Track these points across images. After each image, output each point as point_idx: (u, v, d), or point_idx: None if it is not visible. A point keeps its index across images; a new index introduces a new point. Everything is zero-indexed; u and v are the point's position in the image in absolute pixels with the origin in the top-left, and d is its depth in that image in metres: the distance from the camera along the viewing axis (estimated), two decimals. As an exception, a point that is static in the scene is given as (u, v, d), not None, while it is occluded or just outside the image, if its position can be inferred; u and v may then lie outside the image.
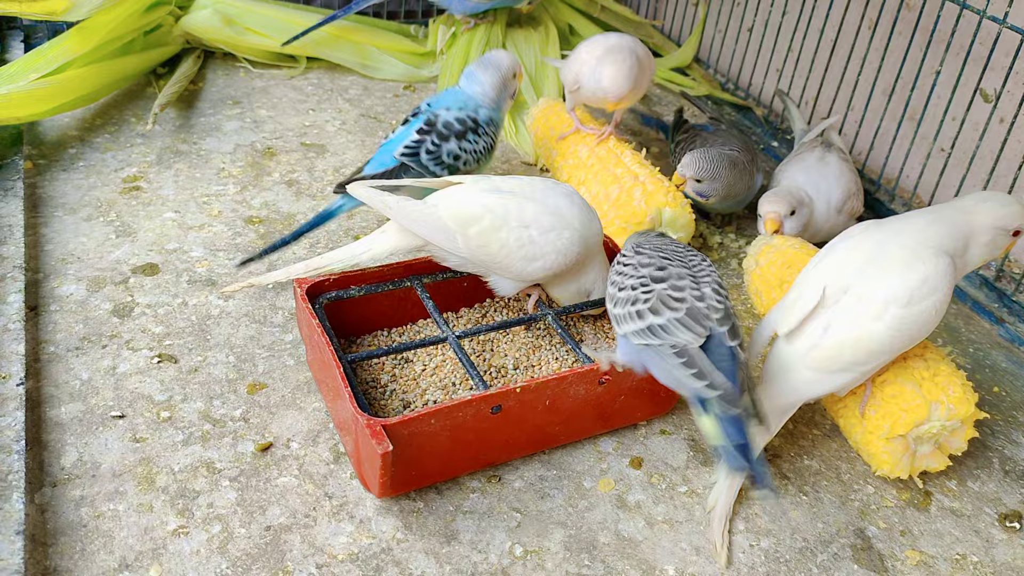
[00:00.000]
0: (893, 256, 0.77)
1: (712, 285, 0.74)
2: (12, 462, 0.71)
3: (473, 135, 1.03)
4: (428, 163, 1.01)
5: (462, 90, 1.06)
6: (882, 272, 0.76)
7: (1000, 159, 1.07)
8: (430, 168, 1.01)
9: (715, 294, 0.73)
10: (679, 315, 0.71)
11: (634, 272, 0.76)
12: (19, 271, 0.91)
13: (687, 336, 0.70)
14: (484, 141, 1.04)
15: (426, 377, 0.84)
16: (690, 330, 0.70)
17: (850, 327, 0.75)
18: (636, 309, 0.73)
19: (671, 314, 0.71)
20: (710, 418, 0.69)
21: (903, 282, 0.75)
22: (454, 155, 1.02)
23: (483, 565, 0.71)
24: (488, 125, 1.04)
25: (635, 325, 0.72)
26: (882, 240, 0.78)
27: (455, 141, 1.01)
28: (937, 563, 0.75)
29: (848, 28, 1.28)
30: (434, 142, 1.01)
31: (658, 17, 1.72)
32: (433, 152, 1.01)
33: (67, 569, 0.67)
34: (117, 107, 1.28)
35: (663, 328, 0.71)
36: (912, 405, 0.78)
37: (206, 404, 0.82)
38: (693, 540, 0.75)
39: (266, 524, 0.72)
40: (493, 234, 0.80)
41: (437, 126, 1.01)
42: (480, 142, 1.03)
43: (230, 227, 1.05)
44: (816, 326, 0.77)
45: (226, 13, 1.39)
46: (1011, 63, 1.04)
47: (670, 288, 0.73)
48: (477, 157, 1.04)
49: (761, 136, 1.40)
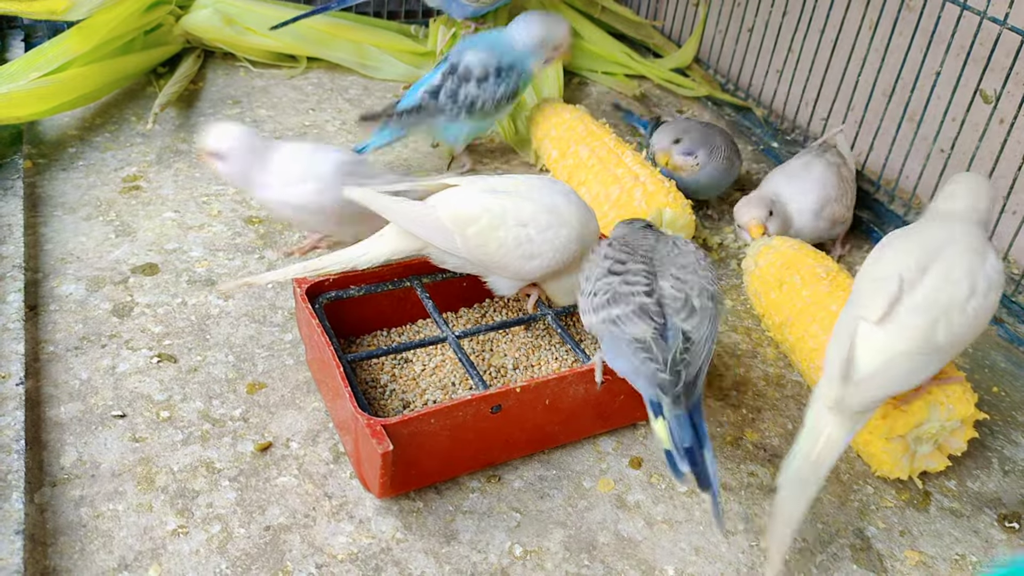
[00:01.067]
0: (961, 244, 0.76)
1: (670, 280, 0.74)
2: (12, 462, 0.71)
3: (495, 79, 1.05)
4: (446, 104, 1.06)
5: (503, 33, 1.10)
6: (958, 256, 0.75)
7: (1000, 160, 1.07)
8: (447, 109, 1.06)
9: (672, 286, 0.73)
10: (628, 310, 0.72)
11: (597, 265, 0.78)
12: (19, 271, 0.91)
13: (638, 328, 0.71)
14: (504, 87, 1.06)
15: (426, 377, 0.84)
16: (642, 322, 0.71)
17: (943, 299, 0.73)
18: (598, 300, 0.75)
19: (623, 308, 0.72)
20: (661, 421, 0.69)
21: (982, 268, 0.75)
22: (471, 99, 1.06)
23: (483, 565, 0.71)
24: (510, 71, 1.07)
25: (595, 316, 0.75)
26: (934, 236, 0.78)
27: (474, 84, 1.05)
28: (936, 563, 0.75)
29: (848, 29, 1.28)
30: (454, 84, 1.05)
31: (658, 17, 1.72)
32: (452, 94, 1.06)
33: (66, 569, 0.67)
34: (117, 106, 1.28)
35: (620, 319, 0.72)
36: (911, 406, 0.78)
37: (205, 404, 0.82)
38: (692, 540, 0.75)
39: (265, 524, 0.72)
40: (491, 233, 0.80)
41: (459, 69, 1.06)
42: (500, 88, 1.06)
43: (230, 227, 1.05)
44: (906, 307, 0.74)
45: (226, 13, 1.39)
46: (1011, 64, 1.04)
47: (622, 283, 0.74)
48: (496, 103, 1.06)
49: (761, 137, 1.40)
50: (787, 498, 0.70)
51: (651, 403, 0.70)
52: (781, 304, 0.94)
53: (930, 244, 0.77)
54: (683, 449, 0.67)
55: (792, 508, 0.70)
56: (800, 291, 0.93)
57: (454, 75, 1.08)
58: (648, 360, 0.69)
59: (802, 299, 0.92)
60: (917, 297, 0.74)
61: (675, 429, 0.68)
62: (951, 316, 0.73)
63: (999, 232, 1.11)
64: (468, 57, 1.08)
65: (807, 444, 0.72)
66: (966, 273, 0.74)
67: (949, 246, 0.76)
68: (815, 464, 0.71)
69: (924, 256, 0.76)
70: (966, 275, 0.74)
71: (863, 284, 0.78)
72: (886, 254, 0.79)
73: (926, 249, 0.76)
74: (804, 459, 0.71)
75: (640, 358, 0.69)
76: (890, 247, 0.79)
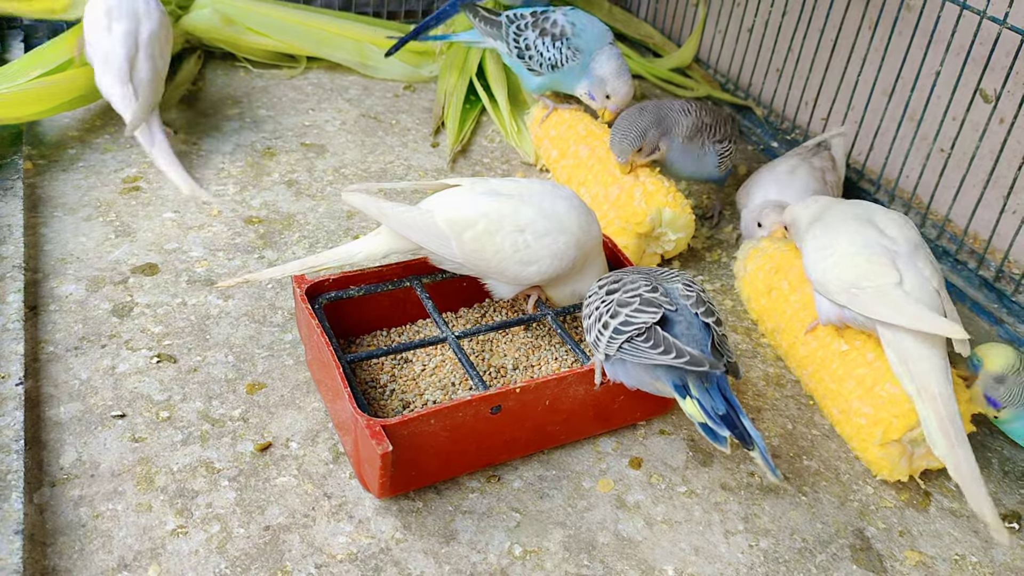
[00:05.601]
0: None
1: (677, 284, 0.76)
2: (11, 462, 0.71)
3: (554, 44, 1.13)
4: (509, 31, 1.17)
5: (597, 38, 1.15)
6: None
7: (1000, 159, 1.07)
8: (506, 36, 1.18)
9: (681, 287, 0.75)
10: (634, 307, 0.73)
11: (595, 297, 0.78)
12: (19, 271, 0.91)
13: (643, 317, 0.72)
14: (553, 55, 1.13)
15: (425, 377, 0.84)
16: (644, 311, 0.72)
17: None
18: (602, 323, 0.75)
19: (627, 309, 0.73)
20: (690, 400, 0.71)
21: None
22: (527, 42, 1.15)
23: (482, 565, 0.70)
24: (568, 53, 1.13)
25: (604, 338, 0.74)
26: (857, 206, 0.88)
27: (535, 32, 1.14)
28: (936, 564, 0.75)
29: (848, 29, 1.28)
30: (527, 22, 1.16)
31: (658, 17, 1.72)
32: (519, 30, 1.16)
33: (66, 569, 0.67)
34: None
35: (623, 325, 0.72)
36: (903, 410, 0.78)
37: (205, 404, 0.82)
38: (692, 540, 0.75)
39: (265, 524, 0.72)
40: (488, 239, 0.80)
41: (548, 17, 1.15)
42: (551, 51, 1.13)
43: (229, 227, 1.05)
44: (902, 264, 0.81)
45: (226, 13, 1.39)
46: (1011, 63, 1.04)
47: (623, 292, 0.75)
48: (541, 62, 1.15)
49: (761, 136, 1.40)
50: (952, 462, 0.72)
51: (675, 387, 0.72)
52: (772, 311, 0.95)
53: (858, 211, 0.84)
54: (718, 417, 0.69)
55: (963, 463, 0.72)
56: (788, 297, 0.93)
57: (538, 17, 1.15)
58: (662, 352, 0.70)
59: (791, 305, 0.93)
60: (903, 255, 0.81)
61: (705, 401, 0.70)
62: (926, 247, 0.83)
63: (999, 232, 1.11)
64: (560, 15, 1.15)
65: (932, 408, 0.74)
66: (902, 217, 0.86)
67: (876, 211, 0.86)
68: (951, 417, 0.73)
69: (866, 222, 0.83)
70: (904, 218, 0.86)
71: (852, 267, 0.81)
72: (838, 238, 0.84)
73: (862, 218, 0.83)
74: (940, 421, 0.73)
75: (653, 354, 0.71)
76: (832, 228, 0.84)
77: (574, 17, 1.15)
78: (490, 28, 1.20)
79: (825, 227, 0.85)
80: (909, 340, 0.77)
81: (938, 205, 1.20)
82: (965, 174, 1.11)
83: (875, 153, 1.26)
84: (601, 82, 1.13)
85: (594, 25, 1.15)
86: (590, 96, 1.15)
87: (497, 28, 1.19)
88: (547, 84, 1.18)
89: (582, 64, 1.13)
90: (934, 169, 1.17)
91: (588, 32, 1.14)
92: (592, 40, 1.14)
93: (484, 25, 1.21)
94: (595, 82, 1.14)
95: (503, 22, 1.18)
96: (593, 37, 1.14)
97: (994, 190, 1.11)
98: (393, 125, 1.32)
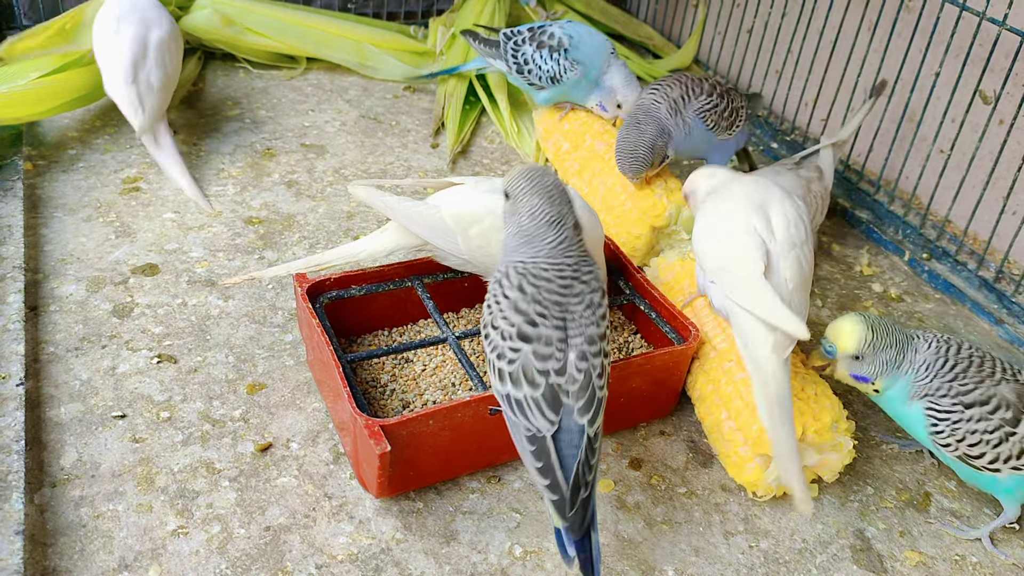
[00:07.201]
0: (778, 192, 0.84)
1: (582, 341, 0.66)
2: (12, 462, 0.71)
3: (551, 57, 1.12)
4: (507, 49, 1.17)
5: (603, 49, 1.15)
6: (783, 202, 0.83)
7: (999, 160, 1.07)
8: (506, 55, 1.17)
9: (579, 359, 0.65)
10: (537, 393, 0.64)
11: (507, 312, 0.67)
12: (19, 271, 0.91)
13: (540, 423, 0.64)
14: (551, 68, 1.13)
15: (426, 377, 0.84)
16: (543, 416, 0.64)
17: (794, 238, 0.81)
18: (499, 367, 0.66)
19: (530, 390, 0.64)
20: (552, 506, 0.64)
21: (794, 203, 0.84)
22: (525, 57, 1.15)
23: (482, 565, 0.71)
24: (568, 64, 1.12)
25: (497, 383, 0.67)
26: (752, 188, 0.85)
27: (532, 46, 1.14)
28: (936, 564, 0.76)
29: (848, 29, 1.28)
30: (524, 37, 1.16)
31: (658, 19, 1.72)
32: (517, 45, 1.16)
33: (66, 569, 0.67)
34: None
35: (519, 405, 0.65)
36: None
37: (206, 404, 0.82)
38: (692, 541, 0.75)
39: (265, 524, 0.72)
40: (494, 234, 0.80)
41: (545, 30, 1.15)
42: (548, 64, 1.13)
43: (230, 227, 1.05)
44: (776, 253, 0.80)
45: (226, 13, 1.39)
46: (1010, 65, 1.04)
47: (534, 355, 0.65)
48: (540, 74, 1.14)
49: (761, 137, 1.40)
50: (773, 436, 0.73)
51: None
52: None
53: (754, 196, 0.83)
54: (572, 539, 0.64)
55: (784, 441, 0.73)
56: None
57: (535, 32, 1.15)
58: (541, 474, 0.63)
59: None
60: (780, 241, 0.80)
61: (564, 534, 0.64)
62: (804, 251, 0.81)
63: (999, 233, 1.11)
64: (557, 27, 1.15)
65: (764, 390, 0.74)
66: (798, 214, 0.83)
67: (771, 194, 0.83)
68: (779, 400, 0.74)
69: (758, 208, 0.82)
70: (799, 216, 0.83)
71: (726, 247, 0.81)
72: (722, 216, 0.82)
73: (753, 201, 0.82)
74: (768, 402, 0.74)
75: (535, 467, 0.64)
76: (721, 206, 0.83)
77: (571, 29, 1.14)
78: (490, 49, 1.21)
79: (715, 203, 0.84)
80: (759, 328, 0.76)
81: (938, 206, 1.20)
82: (965, 175, 1.11)
83: (875, 154, 1.27)
84: (611, 92, 1.13)
85: (593, 37, 1.15)
86: (601, 108, 1.15)
87: (496, 48, 1.19)
88: (553, 98, 1.17)
89: (586, 77, 1.13)
90: (934, 170, 1.18)
91: (587, 44, 1.13)
92: (592, 52, 1.13)
93: (484, 47, 1.22)
94: (606, 93, 1.14)
95: (501, 40, 1.19)
96: (593, 49, 1.13)
97: (994, 191, 1.11)
98: (393, 126, 1.32)
